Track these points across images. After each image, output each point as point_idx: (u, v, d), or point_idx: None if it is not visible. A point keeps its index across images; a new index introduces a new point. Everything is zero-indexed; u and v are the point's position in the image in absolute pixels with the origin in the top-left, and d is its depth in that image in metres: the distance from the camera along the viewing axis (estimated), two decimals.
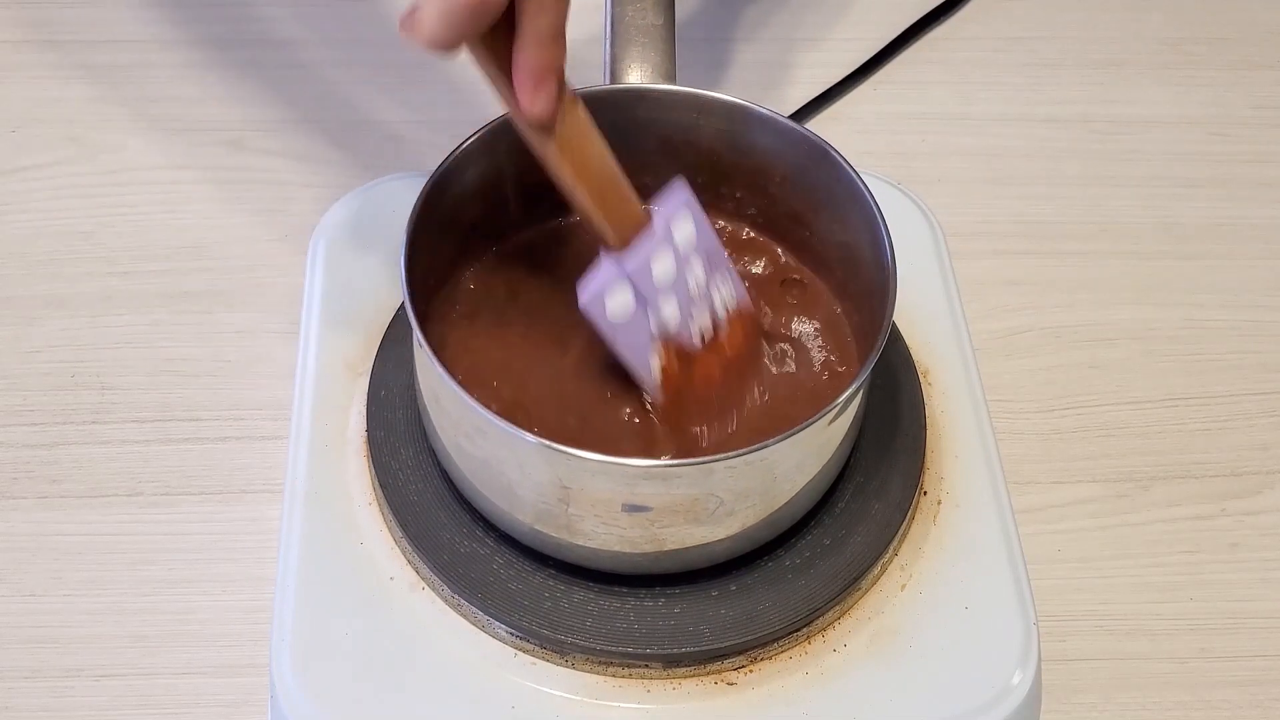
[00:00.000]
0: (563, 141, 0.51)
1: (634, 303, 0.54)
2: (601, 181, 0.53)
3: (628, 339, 0.54)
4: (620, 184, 0.54)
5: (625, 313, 0.54)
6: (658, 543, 0.53)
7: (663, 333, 0.55)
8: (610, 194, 0.53)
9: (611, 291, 0.53)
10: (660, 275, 0.54)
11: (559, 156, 0.52)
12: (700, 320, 0.56)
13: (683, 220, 0.55)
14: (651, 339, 0.55)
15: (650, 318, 0.54)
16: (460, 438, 0.54)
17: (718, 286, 0.56)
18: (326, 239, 0.65)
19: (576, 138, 0.52)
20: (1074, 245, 0.75)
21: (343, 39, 0.81)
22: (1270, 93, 0.83)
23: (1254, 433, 0.68)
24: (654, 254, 0.54)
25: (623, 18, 0.62)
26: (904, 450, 0.59)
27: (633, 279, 0.53)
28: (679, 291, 0.55)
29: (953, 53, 0.84)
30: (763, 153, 0.60)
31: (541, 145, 0.51)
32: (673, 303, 0.55)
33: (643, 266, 0.54)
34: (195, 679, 0.58)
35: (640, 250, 0.54)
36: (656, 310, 0.54)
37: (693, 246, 0.55)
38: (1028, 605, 0.55)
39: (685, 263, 0.55)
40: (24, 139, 0.76)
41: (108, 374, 0.67)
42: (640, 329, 0.54)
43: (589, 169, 0.53)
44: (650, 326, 0.55)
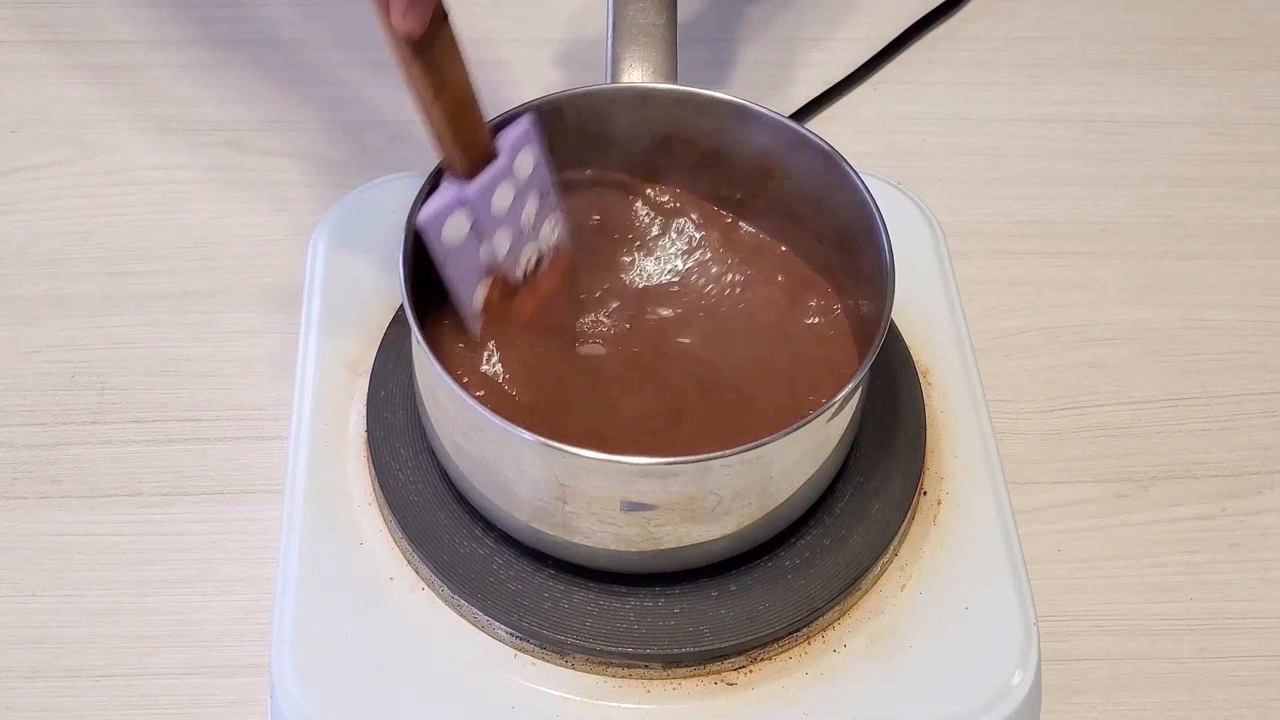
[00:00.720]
0: (427, 59, 0.51)
1: (468, 230, 0.54)
2: (459, 106, 0.53)
3: (456, 265, 0.55)
4: (475, 111, 0.54)
5: (459, 238, 0.54)
6: (654, 541, 0.53)
7: (490, 262, 0.55)
8: (464, 120, 0.53)
9: (451, 216, 0.54)
10: (498, 206, 0.55)
11: (422, 73, 0.51)
12: (527, 255, 0.57)
13: (526, 154, 0.55)
14: (479, 268, 0.55)
15: (481, 247, 0.55)
16: (458, 436, 0.54)
17: (546, 223, 0.57)
18: (326, 239, 0.65)
19: (441, 57, 0.52)
20: (1074, 245, 0.75)
21: (343, 39, 0.81)
22: (1270, 93, 0.83)
23: (1254, 433, 0.68)
24: (497, 185, 0.54)
25: (624, 17, 0.62)
26: (904, 450, 0.59)
27: (472, 206, 0.54)
28: (511, 224, 0.55)
29: (953, 53, 0.84)
30: (763, 152, 0.60)
31: (405, 60, 0.51)
32: (505, 235, 0.55)
33: (484, 195, 0.54)
34: (195, 679, 0.58)
35: (483, 179, 0.54)
36: (489, 239, 0.55)
37: (531, 182, 0.56)
38: (1028, 605, 0.55)
39: (523, 197, 0.56)
40: (24, 139, 0.76)
41: (108, 374, 0.67)
42: (470, 256, 0.55)
43: (448, 91, 0.52)
44: (479, 255, 0.55)
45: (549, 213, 0.57)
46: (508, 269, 0.56)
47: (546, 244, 0.58)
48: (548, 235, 0.58)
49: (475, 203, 0.54)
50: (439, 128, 0.53)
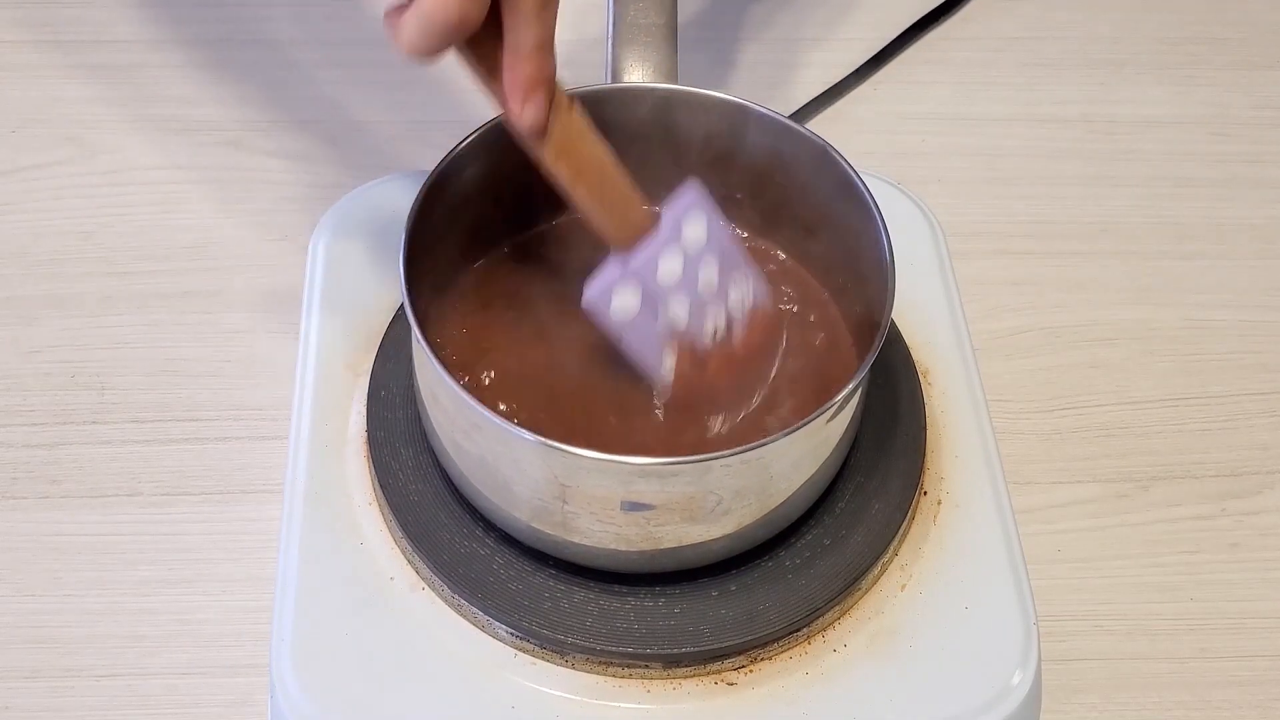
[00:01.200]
0: (558, 145, 0.52)
1: (639, 302, 0.54)
2: (601, 182, 0.53)
3: (634, 338, 0.55)
4: (620, 184, 0.54)
5: (629, 312, 0.54)
6: (654, 541, 0.53)
7: (672, 331, 0.55)
8: (610, 194, 0.54)
9: (616, 290, 0.53)
10: (666, 274, 0.54)
11: (555, 160, 0.52)
12: (714, 319, 0.56)
13: (693, 220, 0.55)
14: (660, 339, 0.55)
15: (658, 317, 0.54)
16: (458, 435, 0.54)
17: (734, 285, 0.56)
18: (326, 239, 0.65)
19: (572, 140, 0.52)
20: (1074, 245, 0.75)
21: (342, 39, 0.81)
22: (1270, 93, 0.83)
23: (1254, 433, 0.68)
24: (660, 253, 0.54)
25: (624, 17, 0.62)
26: (904, 450, 0.59)
27: (638, 277, 0.54)
28: (688, 290, 0.55)
29: (953, 53, 0.84)
30: (763, 152, 0.60)
31: (537, 149, 0.52)
32: (682, 302, 0.55)
33: (648, 265, 0.54)
34: (195, 679, 0.58)
35: (646, 249, 0.54)
36: (665, 309, 0.54)
37: (703, 245, 0.55)
38: (1028, 605, 0.55)
39: (696, 262, 0.55)
40: (24, 139, 0.76)
41: (108, 374, 0.67)
42: (647, 328, 0.54)
43: (586, 171, 0.53)
44: (658, 326, 0.55)
45: (734, 272, 0.56)
46: (692, 335, 0.55)
47: (738, 304, 0.57)
48: (738, 296, 0.57)
49: (640, 273, 0.53)
50: (586, 208, 0.53)
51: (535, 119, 0.50)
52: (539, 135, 0.51)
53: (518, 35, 0.49)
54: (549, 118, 0.51)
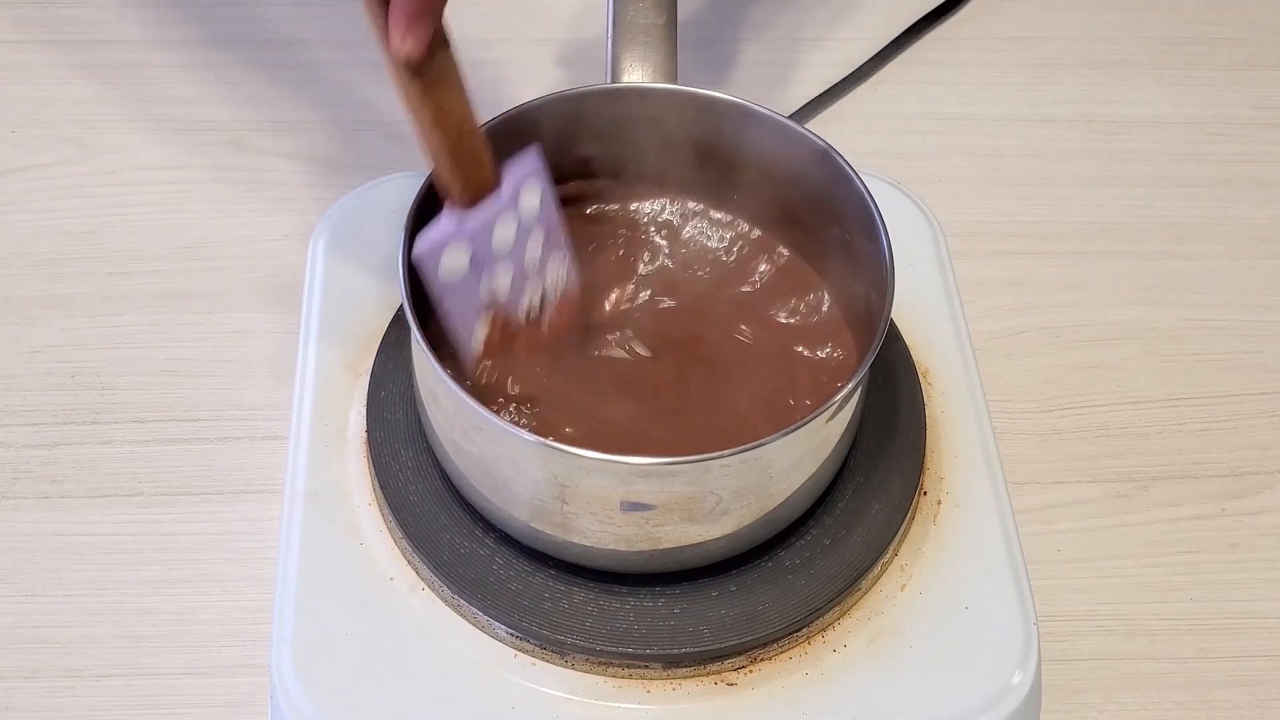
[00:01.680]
0: (427, 84, 0.50)
1: (467, 264, 0.53)
2: (459, 134, 0.52)
3: (455, 301, 0.53)
4: (476, 140, 0.53)
5: (457, 272, 0.52)
6: (654, 541, 0.53)
7: (490, 300, 0.54)
8: (465, 148, 0.52)
9: (449, 248, 0.52)
10: (500, 241, 0.53)
11: (420, 99, 0.50)
12: (530, 294, 0.55)
13: (531, 189, 0.54)
14: (478, 305, 0.54)
15: (481, 283, 0.53)
16: (458, 436, 0.54)
17: (552, 263, 0.56)
18: (326, 239, 0.65)
19: (441, 83, 0.50)
20: (1074, 245, 0.75)
21: (342, 39, 0.81)
22: (1270, 93, 0.83)
23: (1254, 433, 0.68)
24: (498, 218, 0.53)
25: (624, 17, 0.62)
26: (904, 450, 0.59)
27: (472, 239, 0.52)
28: (515, 260, 0.54)
29: (953, 53, 0.84)
30: (763, 152, 0.60)
31: (405, 84, 0.50)
32: (507, 271, 0.54)
33: (484, 228, 0.53)
34: (195, 679, 0.58)
35: (484, 211, 0.53)
36: (490, 276, 0.53)
37: (536, 218, 0.54)
38: (1028, 605, 0.55)
39: (526, 233, 0.54)
40: (24, 139, 0.76)
41: (108, 374, 0.67)
42: (469, 293, 0.53)
43: (448, 117, 0.51)
44: (479, 292, 0.53)
45: (555, 251, 0.56)
46: (509, 308, 0.55)
47: (553, 284, 0.56)
48: (555, 274, 0.56)
49: (475, 236, 0.52)
50: (437, 155, 0.52)
51: (414, 50, 0.48)
52: (413, 69, 0.49)
53: None
54: (427, 54, 0.49)
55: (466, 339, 0.54)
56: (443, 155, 0.52)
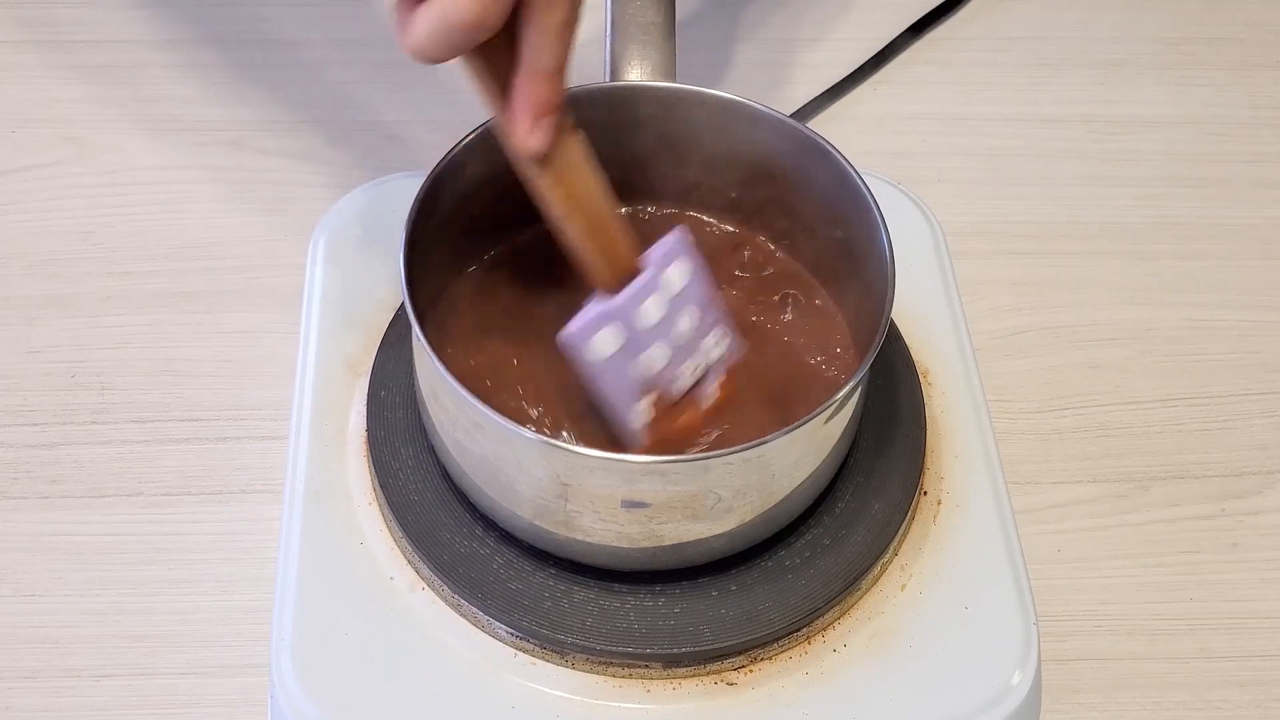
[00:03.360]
0: (556, 174, 0.50)
1: (616, 344, 0.52)
2: (593, 218, 0.52)
3: (608, 380, 0.53)
4: (613, 222, 0.52)
5: (605, 353, 0.52)
6: (656, 539, 0.53)
7: (645, 378, 0.53)
8: (602, 231, 0.52)
9: (596, 330, 0.52)
10: (646, 319, 0.53)
11: (551, 188, 0.50)
12: (689, 369, 0.54)
13: (678, 266, 0.54)
14: (633, 384, 0.53)
15: (635, 361, 0.53)
16: (459, 434, 0.54)
17: (709, 336, 0.55)
18: (326, 239, 0.65)
19: (570, 170, 0.50)
20: (1074, 245, 0.75)
21: (343, 39, 0.81)
22: (1270, 93, 0.83)
23: (1254, 433, 0.68)
24: (643, 296, 0.52)
25: (623, 15, 0.62)
26: (904, 450, 0.59)
27: (619, 318, 0.52)
28: (665, 337, 0.53)
29: (953, 53, 0.84)
30: (763, 151, 0.60)
31: (534, 175, 0.50)
32: (659, 349, 0.53)
33: (628, 306, 0.52)
34: (195, 679, 0.58)
35: (628, 291, 0.52)
36: (641, 354, 0.53)
37: (685, 293, 0.54)
38: (1028, 605, 0.55)
39: (677, 309, 0.53)
40: (24, 139, 0.76)
41: (108, 374, 0.67)
42: (621, 371, 0.53)
43: (581, 204, 0.51)
44: (633, 370, 0.53)
45: (711, 326, 0.55)
46: (666, 384, 0.54)
47: (712, 358, 0.55)
48: (711, 349, 0.55)
49: (622, 316, 0.52)
50: (576, 243, 0.51)
51: (542, 144, 0.48)
52: (540, 162, 0.49)
53: (536, 53, 0.46)
54: (552, 146, 0.48)
55: (625, 418, 0.54)
56: (582, 241, 0.51)
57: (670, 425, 0.55)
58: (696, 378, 0.55)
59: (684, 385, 0.55)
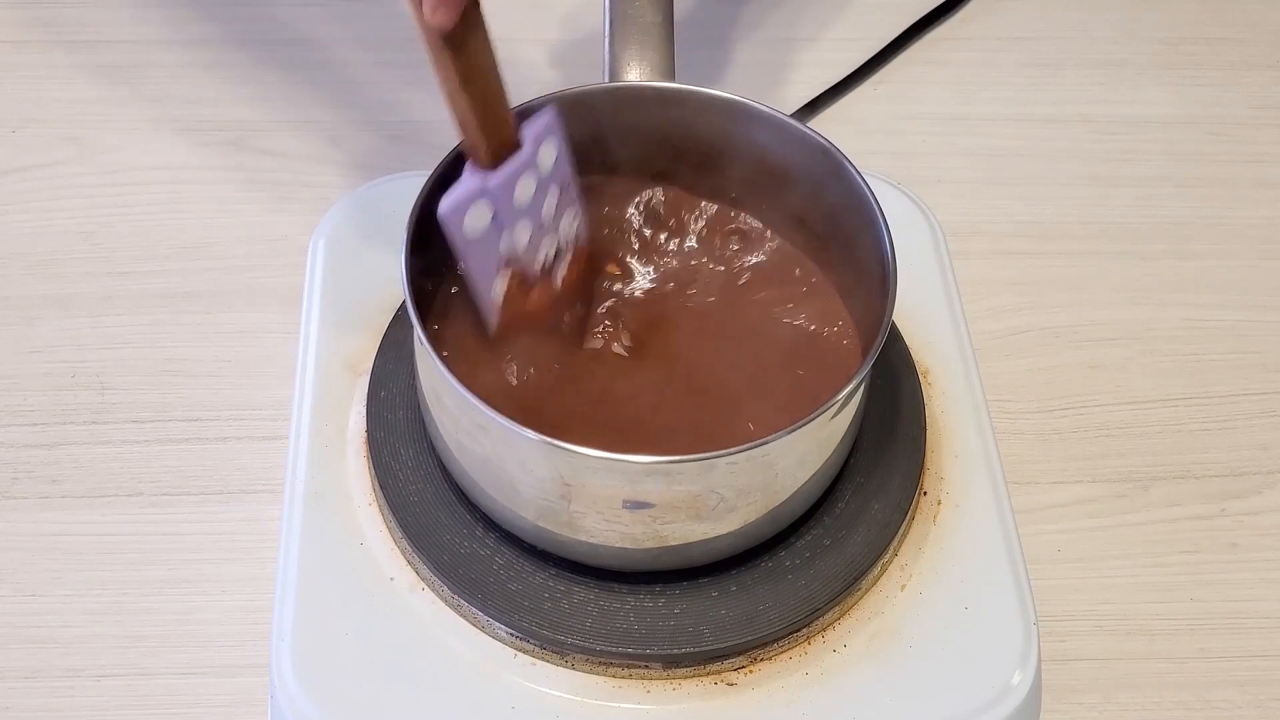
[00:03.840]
0: (457, 48, 0.51)
1: (490, 221, 0.54)
2: (486, 94, 0.53)
3: (477, 256, 0.54)
4: (501, 99, 0.54)
5: (480, 229, 0.54)
6: (660, 539, 0.53)
7: (510, 255, 0.55)
8: (491, 108, 0.53)
9: (473, 205, 0.53)
10: (520, 197, 0.54)
11: (451, 62, 0.51)
12: (546, 248, 0.56)
13: (548, 145, 0.55)
14: (499, 260, 0.55)
15: (502, 239, 0.54)
16: (462, 435, 0.54)
17: (566, 217, 0.57)
18: (326, 239, 0.65)
19: (470, 46, 0.51)
20: (1074, 245, 0.75)
21: (343, 39, 0.81)
22: (1270, 93, 0.83)
23: (1254, 433, 0.68)
24: (519, 175, 0.54)
25: (622, 15, 0.62)
26: (904, 450, 0.59)
27: (494, 197, 0.53)
28: (533, 216, 0.55)
29: (953, 53, 0.84)
30: (763, 151, 0.60)
31: (435, 49, 0.51)
32: (526, 226, 0.55)
33: (506, 185, 0.54)
34: (195, 679, 0.58)
35: (507, 169, 0.54)
36: (510, 231, 0.54)
37: (552, 173, 0.55)
38: (1028, 605, 0.55)
39: (544, 189, 0.55)
40: (24, 139, 0.76)
41: (108, 374, 0.67)
42: (490, 248, 0.55)
43: (476, 79, 0.52)
44: (499, 247, 0.55)
45: (569, 206, 0.57)
46: (527, 261, 0.56)
47: (566, 238, 0.57)
48: (567, 229, 0.57)
49: (498, 193, 0.54)
50: (465, 115, 0.53)
51: (447, 18, 0.49)
52: (445, 34, 0.50)
53: None
54: (457, 20, 0.50)
55: (486, 292, 0.55)
56: (470, 116, 0.53)
57: (524, 301, 0.56)
58: (552, 254, 0.57)
59: (541, 262, 0.57)
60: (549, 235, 0.56)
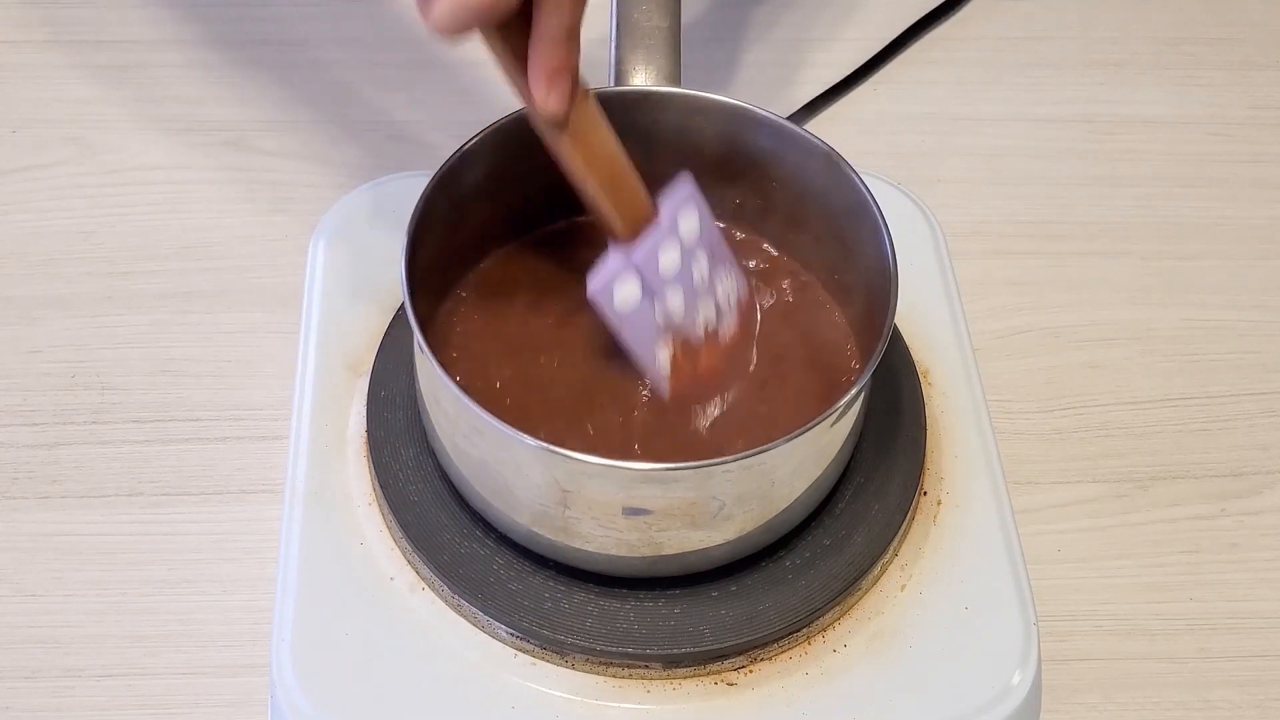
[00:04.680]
0: (574, 134, 0.52)
1: (640, 293, 0.54)
2: (611, 173, 0.54)
3: (633, 330, 0.55)
4: (629, 177, 0.54)
5: (632, 303, 0.54)
6: (656, 546, 0.52)
7: (668, 324, 0.55)
8: (620, 186, 0.54)
9: (619, 281, 0.54)
10: (666, 266, 0.55)
11: (571, 149, 0.52)
12: (704, 312, 0.57)
13: (688, 213, 0.56)
14: (657, 331, 0.55)
15: (656, 309, 0.55)
16: (459, 438, 0.54)
17: (720, 279, 0.57)
18: (326, 239, 0.65)
19: (588, 131, 0.53)
20: (1074, 245, 0.75)
21: (344, 39, 0.81)
22: (1269, 93, 0.83)
23: (1254, 433, 0.68)
24: (660, 245, 0.54)
25: (629, 19, 0.62)
26: (904, 450, 0.59)
27: (640, 269, 0.54)
28: (684, 283, 0.55)
29: (953, 53, 0.84)
30: (764, 155, 0.60)
31: (554, 138, 0.52)
32: (678, 294, 0.55)
33: (650, 257, 0.54)
34: (195, 679, 0.58)
35: (647, 242, 0.54)
36: (663, 301, 0.55)
37: (697, 239, 0.56)
38: (1028, 605, 0.55)
39: (690, 255, 0.56)
40: (24, 139, 0.76)
41: (108, 374, 0.67)
42: (645, 320, 0.55)
43: (599, 161, 0.53)
44: (656, 318, 0.55)
45: (720, 266, 0.57)
46: (687, 328, 0.56)
47: (725, 297, 0.58)
48: (725, 290, 0.58)
49: (642, 265, 0.54)
50: (596, 199, 0.54)
51: (559, 107, 0.50)
52: (559, 124, 0.51)
53: (548, 20, 0.49)
54: (570, 108, 0.51)
55: (651, 364, 0.56)
56: (601, 197, 0.53)
57: (694, 366, 0.57)
58: (712, 317, 0.57)
59: (702, 327, 0.57)
60: (704, 298, 0.57)
